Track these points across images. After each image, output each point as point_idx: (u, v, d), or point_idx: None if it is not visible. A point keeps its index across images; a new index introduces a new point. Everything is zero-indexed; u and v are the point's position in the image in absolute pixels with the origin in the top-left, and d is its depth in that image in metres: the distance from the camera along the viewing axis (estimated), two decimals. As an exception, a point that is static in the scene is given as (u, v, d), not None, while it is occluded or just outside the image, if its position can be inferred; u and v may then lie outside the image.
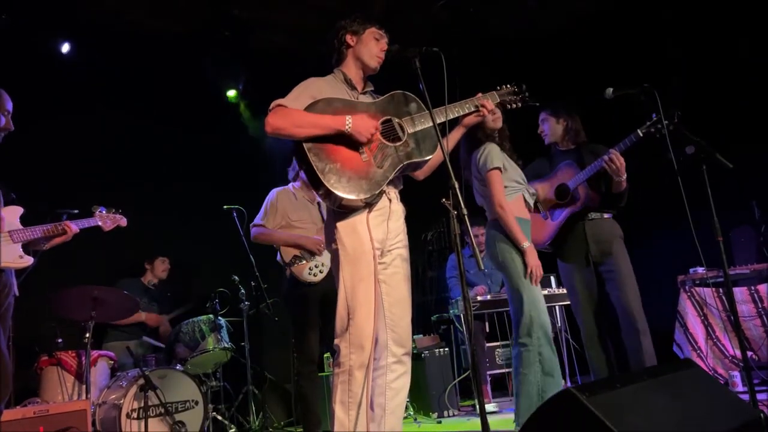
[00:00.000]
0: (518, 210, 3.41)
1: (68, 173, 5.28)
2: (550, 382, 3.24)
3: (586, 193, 3.73)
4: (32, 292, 4.14)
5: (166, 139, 5.89)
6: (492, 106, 2.88)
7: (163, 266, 5.51)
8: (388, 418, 2.52)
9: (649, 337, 3.56)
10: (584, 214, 3.75)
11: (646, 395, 1.96)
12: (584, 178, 3.70)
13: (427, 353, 5.29)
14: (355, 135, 2.50)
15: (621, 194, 3.69)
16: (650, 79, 3.38)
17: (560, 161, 3.88)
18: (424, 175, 2.91)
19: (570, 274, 3.82)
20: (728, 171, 3.13)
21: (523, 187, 3.51)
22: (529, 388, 3.25)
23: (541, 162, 4.01)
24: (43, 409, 3.46)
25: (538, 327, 3.26)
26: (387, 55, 2.75)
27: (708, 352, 4.68)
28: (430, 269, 6.72)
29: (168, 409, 4.11)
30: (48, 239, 3.40)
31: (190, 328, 4.73)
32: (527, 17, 6.58)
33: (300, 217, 3.96)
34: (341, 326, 2.50)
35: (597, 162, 3.62)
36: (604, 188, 3.72)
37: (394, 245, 2.65)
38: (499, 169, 3.39)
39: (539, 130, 3.97)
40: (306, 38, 6.23)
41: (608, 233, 3.72)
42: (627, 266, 3.66)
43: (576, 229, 3.76)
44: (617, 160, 3.51)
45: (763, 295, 4.62)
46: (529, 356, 3.26)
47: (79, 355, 4.17)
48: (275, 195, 4.04)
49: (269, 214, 3.97)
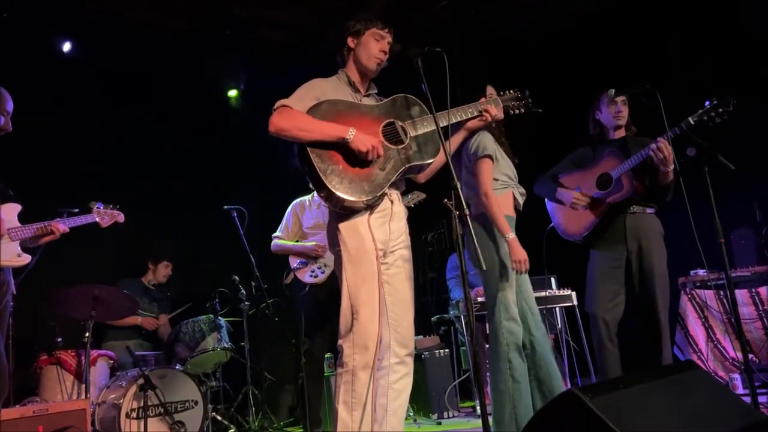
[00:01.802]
0: (506, 207, 3.27)
1: (69, 172, 5.27)
2: (518, 389, 3.12)
3: (631, 182, 3.49)
4: (32, 291, 4.15)
5: (166, 138, 5.88)
6: (495, 112, 2.88)
7: (165, 271, 5.51)
8: (390, 419, 2.51)
9: (669, 342, 3.43)
10: (626, 206, 3.53)
11: (650, 396, 1.95)
12: (629, 167, 3.47)
13: (428, 354, 5.28)
14: (356, 146, 2.48)
15: (667, 186, 3.47)
16: (651, 79, 3.37)
17: (604, 149, 3.67)
18: (425, 178, 2.91)
19: (600, 266, 3.61)
20: (728, 172, 3.12)
21: (514, 183, 3.37)
22: (499, 396, 3.15)
23: (584, 151, 3.80)
24: (43, 408, 3.45)
25: (507, 333, 3.15)
26: (389, 55, 2.74)
27: (709, 355, 4.68)
28: (431, 270, 6.71)
29: (167, 409, 4.10)
30: (37, 238, 3.40)
31: (190, 328, 4.72)
32: (527, 17, 6.58)
33: (311, 224, 4.26)
34: (345, 327, 2.50)
35: (644, 150, 3.39)
36: (648, 181, 3.51)
37: (396, 246, 2.66)
38: (491, 157, 3.24)
39: (618, 108, 3.64)
40: (306, 37, 6.24)
41: (649, 229, 3.52)
42: (662, 267, 3.47)
43: (616, 221, 3.55)
44: (665, 149, 3.28)
45: (764, 297, 4.62)
46: (498, 363, 3.16)
47: (79, 355, 4.16)
48: (290, 209, 4.41)
49: (284, 227, 4.36)
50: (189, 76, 6.02)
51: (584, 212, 3.64)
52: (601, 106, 3.72)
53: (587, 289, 3.68)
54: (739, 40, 5.44)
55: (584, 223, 3.64)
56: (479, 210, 3.29)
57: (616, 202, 3.54)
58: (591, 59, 6.26)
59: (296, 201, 4.37)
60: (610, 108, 3.66)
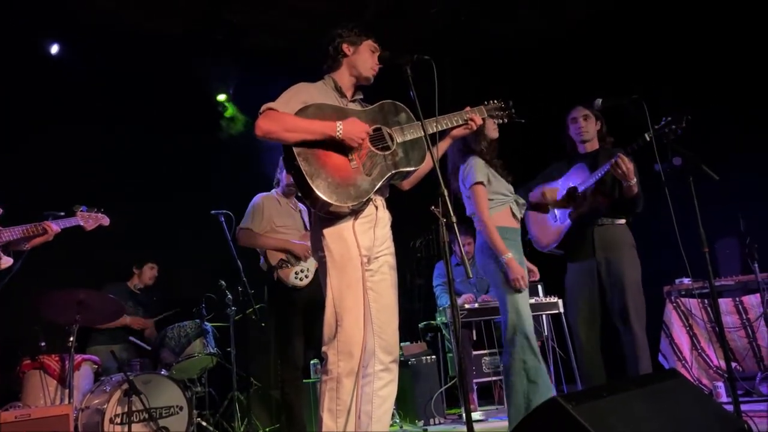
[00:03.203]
0: (505, 220, 3.47)
1: (54, 175, 5.23)
2: (535, 389, 3.27)
3: (594, 197, 3.63)
4: (16, 295, 4.11)
5: (153, 141, 5.84)
6: (480, 121, 2.89)
7: (151, 273, 5.47)
8: (375, 426, 2.51)
9: (647, 351, 3.48)
10: (594, 219, 3.64)
11: (633, 405, 1.96)
12: (592, 182, 3.59)
13: (414, 361, 5.28)
14: (347, 141, 2.50)
15: (633, 200, 3.56)
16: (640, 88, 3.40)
17: (575, 164, 3.78)
18: (410, 185, 2.92)
19: (574, 278, 3.74)
20: (715, 182, 3.15)
21: (511, 198, 3.53)
22: (516, 397, 3.29)
23: (560, 165, 3.91)
24: (25, 413, 3.42)
25: (521, 335, 3.30)
26: (378, 61, 2.76)
27: (693, 363, 4.71)
28: (418, 277, 6.71)
29: (152, 415, 4.07)
30: (28, 239, 3.37)
31: (176, 333, 4.70)
32: (519, 25, 6.62)
33: (284, 223, 4.02)
34: (329, 333, 2.49)
35: (604, 166, 3.50)
36: (618, 194, 3.60)
37: (381, 252, 2.66)
38: (482, 183, 3.43)
39: (579, 125, 3.79)
40: (297, 42, 6.24)
41: (618, 240, 3.62)
42: (633, 275, 3.55)
43: (586, 233, 3.67)
44: (624, 165, 3.39)
45: (748, 306, 4.67)
46: (514, 364, 3.31)
47: (63, 359, 4.12)
48: (260, 200, 4.08)
49: (255, 218, 4.02)
50: (178, 80, 6.00)
51: (554, 224, 3.79)
52: (568, 124, 3.87)
53: (567, 300, 3.83)
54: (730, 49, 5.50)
55: (553, 236, 3.79)
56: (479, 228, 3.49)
57: (581, 215, 3.66)
58: (582, 67, 6.31)
59: (265, 194, 4.13)
60: (573, 125, 3.83)
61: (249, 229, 4.00)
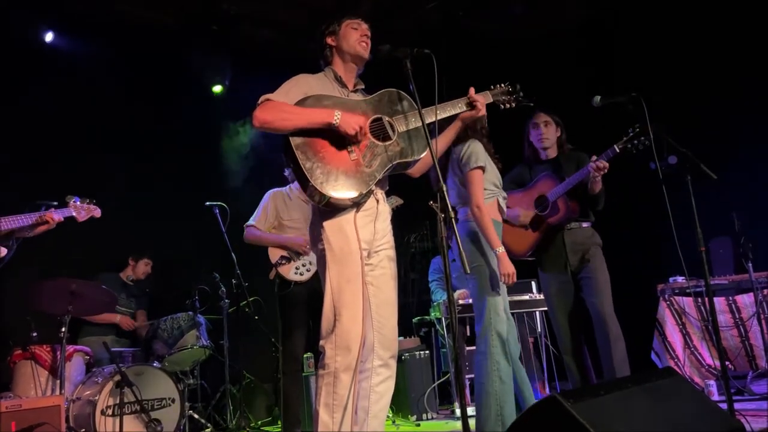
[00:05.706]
0: (492, 212, 3.33)
1: (48, 166, 5.20)
2: (504, 390, 3.15)
3: (567, 204, 3.72)
4: (7, 285, 4.07)
5: (149, 132, 5.80)
6: (484, 102, 2.83)
7: (145, 268, 5.43)
8: (371, 422, 2.50)
9: (622, 343, 3.58)
10: (563, 224, 3.76)
11: (629, 403, 1.97)
12: (564, 191, 3.69)
13: (408, 356, 5.28)
14: (343, 129, 2.46)
15: (596, 196, 3.70)
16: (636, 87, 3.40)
17: (540, 170, 3.87)
18: (419, 173, 2.88)
19: (548, 282, 3.84)
20: (709, 181, 3.16)
21: (498, 191, 3.42)
22: (487, 399, 3.15)
23: (521, 170, 3.98)
24: (16, 404, 3.39)
25: (495, 334, 3.17)
26: (377, 55, 2.73)
27: (685, 361, 4.73)
28: (413, 271, 6.72)
29: (144, 407, 4.05)
30: (33, 227, 3.41)
31: (169, 325, 4.67)
32: (515, 22, 6.61)
33: (292, 217, 4.07)
34: (327, 328, 2.47)
35: (582, 171, 3.59)
36: (582, 195, 3.72)
37: (381, 246, 2.64)
38: (482, 168, 3.29)
39: (540, 132, 3.86)
40: (293, 35, 6.21)
41: (587, 242, 3.75)
42: (603, 274, 3.69)
43: (555, 238, 3.79)
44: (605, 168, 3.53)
45: (741, 305, 4.68)
46: (487, 365, 3.17)
47: (54, 350, 4.09)
48: (269, 197, 4.18)
49: (261, 215, 4.12)
50: (173, 71, 5.97)
51: (526, 232, 3.85)
52: (530, 129, 3.94)
53: (547, 305, 3.90)
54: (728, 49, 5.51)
55: (527, 243, 3.86)
56: (467, 218, 3.32)
57: (560, 221, 3.75)
58: (578, 65, 6.31)
59: (275, 190, 4.19)
60: (535, 131, 3.90)
61: (252, 226, 4.09)
